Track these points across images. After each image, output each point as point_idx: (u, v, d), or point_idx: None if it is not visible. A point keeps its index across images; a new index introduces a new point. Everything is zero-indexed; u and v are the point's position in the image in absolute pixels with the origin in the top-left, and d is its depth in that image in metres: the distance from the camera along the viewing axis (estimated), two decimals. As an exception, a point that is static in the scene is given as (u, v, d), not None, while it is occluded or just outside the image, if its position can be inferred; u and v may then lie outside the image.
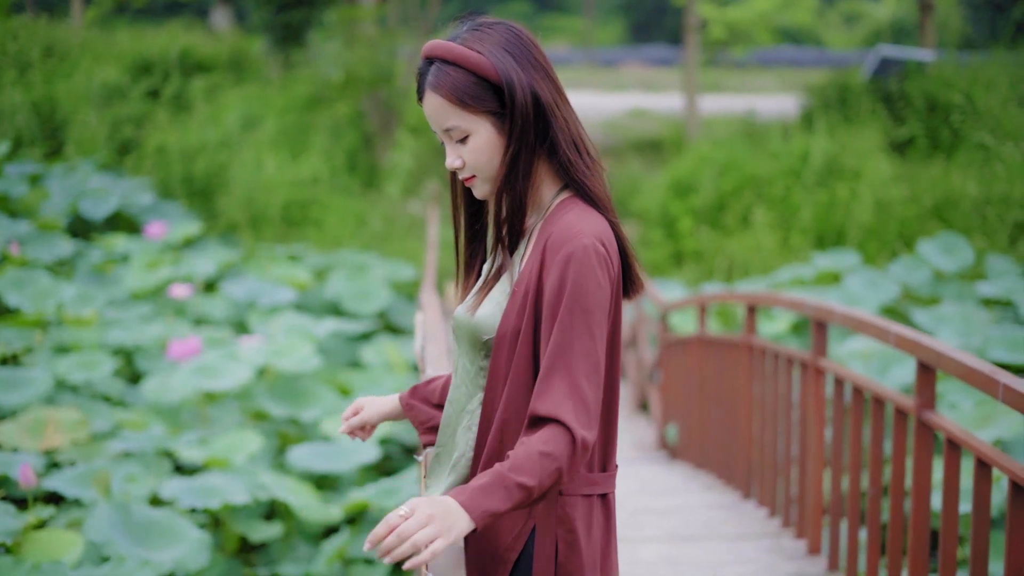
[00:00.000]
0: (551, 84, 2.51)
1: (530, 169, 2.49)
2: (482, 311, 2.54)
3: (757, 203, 14.89)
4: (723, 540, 5.67)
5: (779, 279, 12.44)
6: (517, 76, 2.45)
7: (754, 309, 6.47)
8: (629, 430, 9.23)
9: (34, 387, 8.65)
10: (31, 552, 5.54)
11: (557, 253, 2.41)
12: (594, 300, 2.39)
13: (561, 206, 2.52)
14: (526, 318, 2.45)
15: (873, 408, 4.65)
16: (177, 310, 11.37)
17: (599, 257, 2.41)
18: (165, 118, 17.06)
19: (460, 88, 2.44)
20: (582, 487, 2.49)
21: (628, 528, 5.88)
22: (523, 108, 2.45)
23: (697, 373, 7.74)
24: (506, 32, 2.50)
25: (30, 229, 12.65)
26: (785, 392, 5.83)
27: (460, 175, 2.55)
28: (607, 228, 2.49)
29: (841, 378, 5.11)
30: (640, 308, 9.99)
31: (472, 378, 2.57)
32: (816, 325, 5.39)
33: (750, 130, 17.36)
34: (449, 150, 2.53)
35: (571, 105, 2.56)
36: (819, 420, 5.39)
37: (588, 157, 2.54)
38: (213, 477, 6.95)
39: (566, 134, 2.51)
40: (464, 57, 2.45)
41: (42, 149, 16.43)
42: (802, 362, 5.56)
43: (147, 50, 18.83)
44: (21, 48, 18.73)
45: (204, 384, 8.55)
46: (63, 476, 6.85)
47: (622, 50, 43.14)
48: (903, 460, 4.41)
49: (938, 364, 3.99)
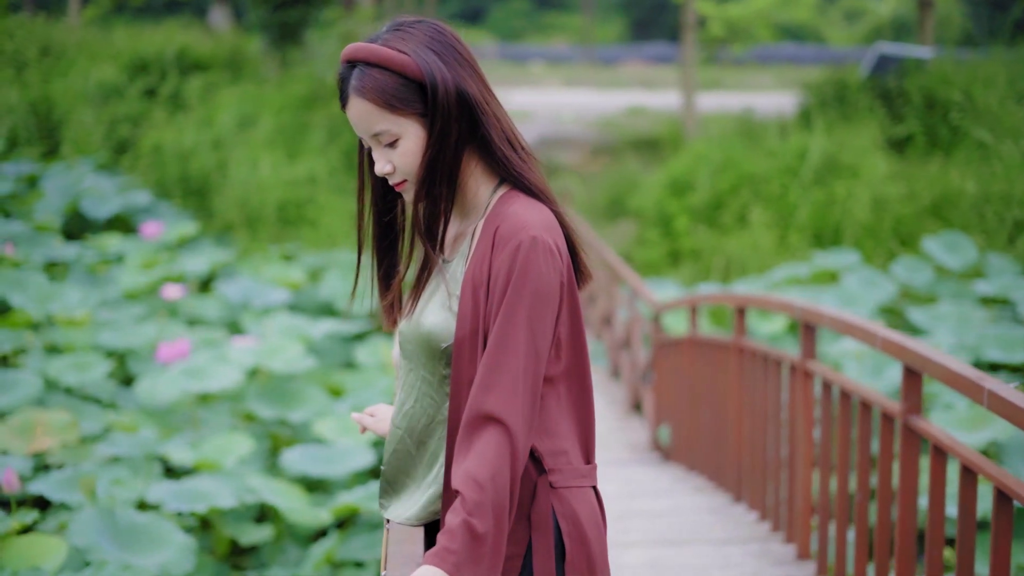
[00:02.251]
0: (479, 80, 2.45)
1: (453, 170, 2.44)
2: (431, 319, 2.47)
3: (754, 201, 14.83)
4: (710, 544, 5.62)
5: (776, 278, 12.38)
6: (441, 74, 2.39)
7: (743, 310, 6.42)
8: (622, 431, 9.18)
9: (24, 389, 8.60)
10: (13, 558, 5.49)
11: (505, 244, 2.37)
12: (537, 290, 2.35)
13: (502, 200, 2.46)
14: (482, 316, 2.39)
15: (861, 412, 4.60)
16: (170, 311, 11.33)
17: (545, 247, 2.36)
18: (162, 117, 17.02)
19: (386, 91, 2.38)
20: (573, 479, 2.45)
21: (614, 532, 5.82)
22: (445, 107, 2.39)
23: (688, 374, 7.69)
24: (429, 30, 2.44)
25: (25, 229, 12.61)
26: (774, 394, 5.78)
27: (391, 180, 2.47)
28: (552, 219, 2.45)
29: (829, 381, 5.06)
30: (634, 308, 9.94)
31: (436, 388, 2.50)
32: (804, 327, 5.33)
33: (747, 128, 17.30)
34: (378, 156, 2.46)
35: (500, 101, 2.50)
36: (807, 423, 5.34)
37: (523, 151, 2.49)
38: (200, 480, 6.90)
39: (498, 130, 2.45)
40: (388, 58, 2.39)
41: (38, 148, 16.39)
42: (791, 364, 5.51)
43: (144, 49, 18.79)
44: (18, 47, 18.71)
45: (193, 386, 8.50)
46: (50, 480, 6.79)
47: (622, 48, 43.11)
48: (890, 465, 4.37)
49: (924, 369, 3.95)
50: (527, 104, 27.19)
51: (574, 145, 21.69)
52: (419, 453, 2.53)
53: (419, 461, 2.54)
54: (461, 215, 2.55)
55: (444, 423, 2.49)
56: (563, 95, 30.09)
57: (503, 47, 44.07)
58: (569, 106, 26.61)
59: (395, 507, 2.57)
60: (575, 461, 2.46)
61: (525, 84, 32.47)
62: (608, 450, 8.62)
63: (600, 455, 8.36)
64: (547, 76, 35.03)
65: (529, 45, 45.56)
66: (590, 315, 13.03)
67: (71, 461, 7.61)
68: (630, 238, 16.22)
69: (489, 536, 2.25)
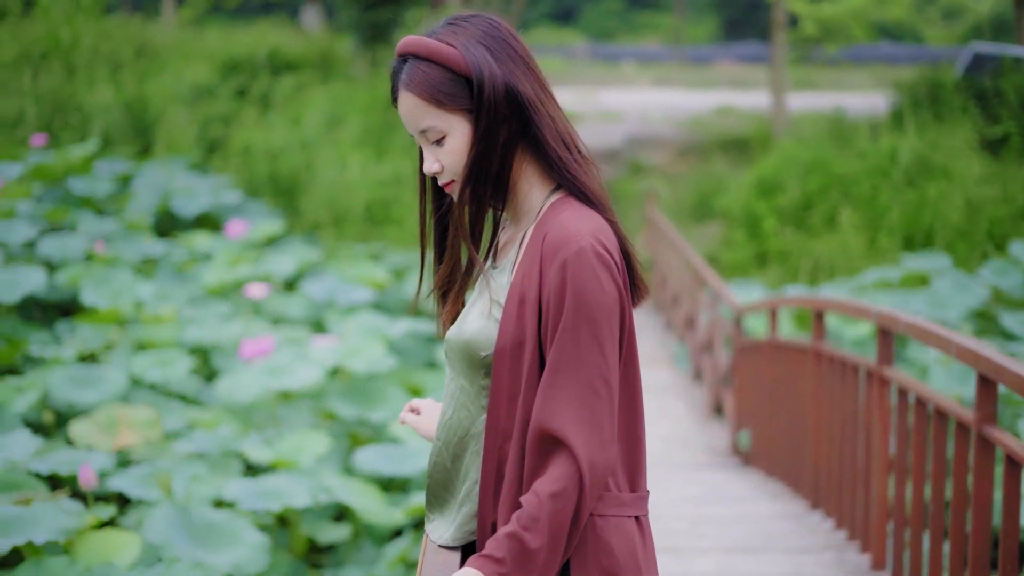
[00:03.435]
0: (533, 78, 2.35)
1: (502, 171, 2.35)
2: (471, 326, 2.37)
3: (844, 203, 14.62)
4: (783, 553, 5.53)
5: (865, 281, 12.19)
6: (489, 69, 2.30)
7: (822, 314, 6.32)
8: (702, 435, 9.10)
9: (109, 385, 8.73)
10: (87, 552, 5.56)
11: (555, 257, 2.26)
12: (598, 305, 2.24)
13: (554, 207, 2.35)
14: (529, 329, 2.28)
15: (936, 420, 4.50)
16: (255, 309, 11.43)
17: (600, 258, 2.25)
18: (252, 117, 17.21)
19: (432, 84, 2.31)
20: (612, 507, 2.31)
21: (685, 538, 5.77)
22: (491, 103, 2.30)
23: (767, 378, 7.60)
24: (483, 24, 2.35)
25: (116, 227, 12.80)
26: (851, 400, 5.67)
27: (439, 180, 2.40)
28: (606, 227, 2.34)
29: (905, 388, 4.95)
30: (716, 311, 9.85)
31: (474, 399, 2.38)
32: (881, 333, 5.24)
33: (838, 128, 17.06)
34: (426, 154, 2.39)
35: (558, 103, 2.40)
36: (883, 431, 5.23)
37: (579, 154, 2.38)
38: (276, 479, 6.93)
39: (552, 130, 2.34)
40: (437, 51, 2.31)
41: (132, 148, 16.65)
42: (867, 370, 5.40)
43: (236, 49, 19.04)
44: (114, 48, 19.03)
45: (274, 384, 8.56)
46: (129, 476, 6.88)
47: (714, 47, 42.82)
48: (964, 474, 4.26)
49: (999, 377, 3.85)
50: (616, 104, 27.08)
51: (662, 145, 21.54)
52: (454, 467, 2.43)
53: (454, 476, 2.43)
54: (514, 220, 2.46)
55: (478, 437, 2.38)
56: (653, 95, 29.94)
57: (595, 47, 43.98)
58: (658, 106, 26.46)
59: (436, 523, 2.48)
60: (616, 488, 2.32)
61: (615, 84, 32.35)
62: (687, 454, 8.54)
63: (679, 458, 8.30)
64: (638, 76, 34.88)
65: (621, 45, 45.42)
66: (673, 317, 12.93)
67: (153, 457, 7.71)
68: (716, 239, 16.08)
69: (541, 554, 2.18)
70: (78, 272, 11.04)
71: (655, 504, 6.62)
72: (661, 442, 8.82)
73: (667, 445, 8.73)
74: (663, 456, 8.38)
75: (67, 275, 11.03)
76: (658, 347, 12.38)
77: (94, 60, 18.66)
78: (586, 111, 25.65)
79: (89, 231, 12.38)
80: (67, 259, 11.64)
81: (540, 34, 45.80)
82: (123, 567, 5.40)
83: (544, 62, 24.73)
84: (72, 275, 11.00)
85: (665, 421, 9.48)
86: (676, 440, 8.89)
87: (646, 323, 13.67)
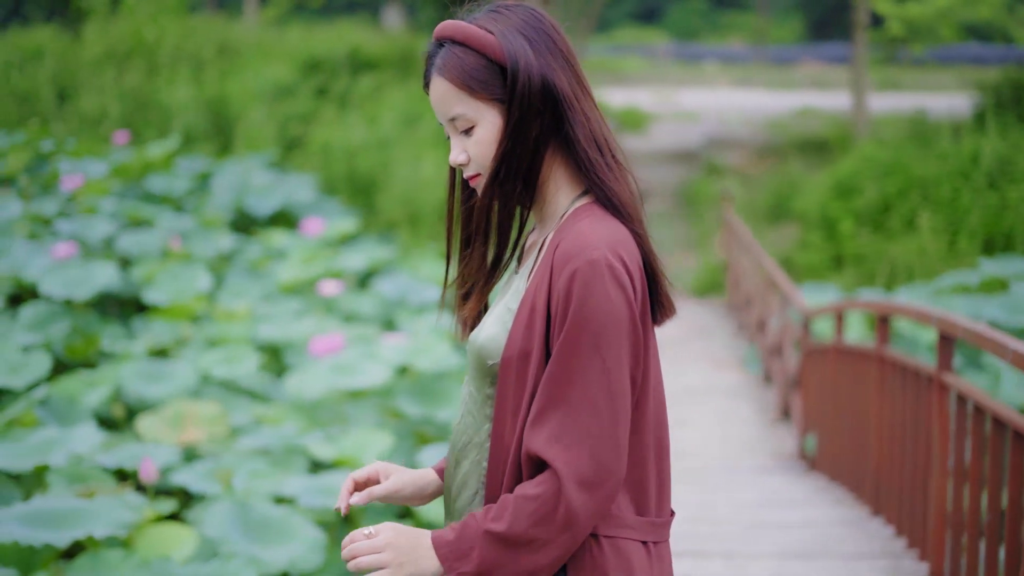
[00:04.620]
0: (572, 74, 2.24)
1: (533, 168, 2.24)
2: (485, 332, 2.28)
3: (923, 206, 14.40)
4: (840, 559, 5.46)
5: (942, 285, 12.00)
6: (526, 59, 2.19)
7: (886, 319, 6.23)
8: (769, 439, 9.01)
9: (178, 380, 8.84)
10: (145, 546, 5.64)
11: (565, 266, 2.14)
12: (605, 321, 2.11)
13: (576, 213, 2.23)
14: (536, 340, 2.17)
15: (993, 428, 4.42)
16: (327, 307, 11.51)
17: (612, 271, 2.12)
18: (331, 115, 17.34)
19: (467, 71, 2.20)
20: (611, 528, 2.19)
21: (741, 543, 5.72)
22: (525, 95, 2.19)
23: (833, 382, 7.51)
24: (525, 14, 2.25)
25: (193, 224, 12.96)
26: (913, 406, 5.59)
27: (465, 172, 2.29)
28: (628, 238, 2.20)
29: (964, 395, 4.86)
30: (785, 314, 9.75)
31: (479, 407, 2.30)
32: (941, 338, 5.15)
33: (919, 130, 16.82)
34: (454, 143, 2.27)
35: (595, 102, 2.28)
36: (943, 437, 5.15)
37: (612, 159, 2.25)
38: (337, 476, 6.96)
39: (586, 130, 2.22)
40: (474, 36, 2.21)
41: (212, 145, 16.87)
42: (927, 376, 5.32)
43: (316, 48, 19.22)
44: (196, 47, 19.29)
45: (341, 382, 8.61)
46: (192, 471, 6.96)
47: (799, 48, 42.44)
48: (1020, 485, 4.18)
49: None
50: (695, 105, 26.95)
51: (739, 146, 21.39)
52: (455, 473, 2.35)
53: (453, 481, 2.35)
54: (539, 223, 2.36)
55: (479, 447, 2.30)
56: (733, 96, 29.75)
57: (678, 47, 43.78)
58: (738, 107, 26.28)
59: None
60: (618, 511, 2.20)
61: (696, 85, 32.19)
62: (753, 457, 8.47)
63: (744, 462, 8.23)
64: (719, 77, 34.66)
65: (704, 45, 45.18)
66: (745, 319, 12.83)
67: (218, 453, 7.79)
68: (792, 241, 15.93)
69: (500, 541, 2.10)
70: (152, 268, 11.19)
71: (712, 508, 6.58)
72: (726, 445, 8.76)
73: (732, 449, 8.66)
74: (726, 460, 8.32)
75: (141, 271, 11.19)
76: (728, 350, 12.29)
77: (177, 59, 18.94)
78: (664, 111, 25.55)
79: (167, 228, 12.56)
80: (144, 255, 11.81)
81: (623, 34, 45.70)
82: (179, 561, 5.47)
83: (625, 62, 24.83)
84: (146, 271, 11.16)
85: (732, 424, 9.41)
86: (742, 444, 8.82)
87: (718, 325, 13.57)
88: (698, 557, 5.49)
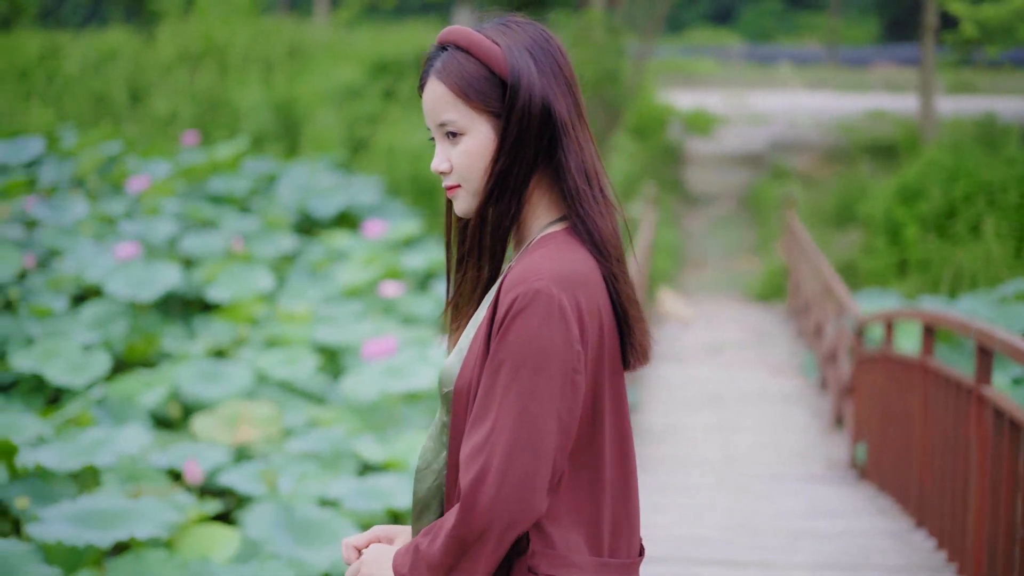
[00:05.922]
0: (572, 101, 2.20)
1: (523, 189, 2.18)
2: (447, 360, 2.25)
3: (989, 211, 14.21)
4: (878, 571, 5.43)
5: (1006, 292, 11.85)
6: (528, 77, 2.15)
7: (932, 328, 6.18)
8: (821, 447, 8.96)
9: (235, 381, 8.95)
10: (188, 547, 5.73)
11: (507, 294, 2.09)
12: (528, 350, 2.04)
13: (540, 240, 2.19)
14: (479, 370, 2.14)
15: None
16: (386, 308, 11.58)
17: (548, 303, 2.05)
18: (397, 117, 17.43)
19: (466, 78, 2.16)
20: (554, 567, 2.12)
21: (780, 553, 5.70)
22: (523, 115, 2.14)
23: (881, 391, 7.46)
24: (534, 33, 2.21)
25: (257, 225, 13.11)
26: (955, 417, 5.55)
27: (445, 181, 2.22)
28: (590, 274, 2.14)
29: (1001, 409, 4.82)
30: (841, 321, 9.68)
31: (439, 432, 2.27)
32: (980, 351, 5.11)
33: (988, 133, 16.59)
34: (439, 150, 2.21)
35: (591, 134, 2.23)
36: (982, 451, 5.10)
37: (600, 192, 2.20)
38: (384, 479, 7.02)
39: (578, 159, 2.17)
40: (479, 45, 2.16)
41: (280, 146, 17.03)
42: (967, 389, 5.28)
43: (385, 50, 19.31)
44: (267, 48, 19.49)
45: (393, 385, 8.67)
46: (240, 471, 7.06)
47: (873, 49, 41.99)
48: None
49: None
50: (765, 107, 26.76)
51: (806, 149, 21.23)
52: (417, 495, 2.30)
53: (417, 504, 2.31)
54: (514, 248, 2.29)
55: (436, 474, 2.26)
56: (804, 98, 29.50)
57: (751, 48, 43.47)
58: (808, 109, 26.06)
59: None
60: (566, 549, 2.13)
61: (768, 87, 31.94)
62: (804, 465, 8.43)
63: (794, 470, 8.19)
64: (791, 78, 34.40)
65: (778, 46, 44.81)
66: (804, 325, 12.75)
67: (268, 454, 7.89)
68: (856, 246, 15.78)
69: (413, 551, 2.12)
70: (214, 269, 11.34)
71: (755, 516, 6.56)
72: (777, 452, 8.72)
73: (783, 456, 8.62)
74: (776, 467, 8.28)
75: (204, 272, 11.34)
76: (787, 355, 12.22)
77: (247, 60, 19.15)
78: (733, 114, 25.40)
79: (230, 228, 12.71)
80: (207, 256, 11.97)
81: (696, 35, 45.43)
82: (221, 562, 5.55)
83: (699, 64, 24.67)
84: (208, 272, 11.31)
85: (785, 431, 9.36)
86: (793, 451, 8.77)
87: (778, 330, 13.50)
88: (733, 567, 5.49)
